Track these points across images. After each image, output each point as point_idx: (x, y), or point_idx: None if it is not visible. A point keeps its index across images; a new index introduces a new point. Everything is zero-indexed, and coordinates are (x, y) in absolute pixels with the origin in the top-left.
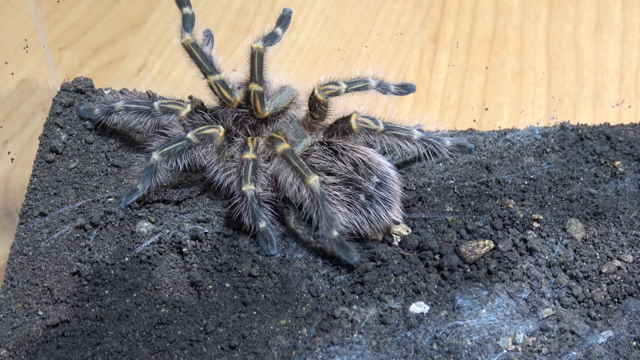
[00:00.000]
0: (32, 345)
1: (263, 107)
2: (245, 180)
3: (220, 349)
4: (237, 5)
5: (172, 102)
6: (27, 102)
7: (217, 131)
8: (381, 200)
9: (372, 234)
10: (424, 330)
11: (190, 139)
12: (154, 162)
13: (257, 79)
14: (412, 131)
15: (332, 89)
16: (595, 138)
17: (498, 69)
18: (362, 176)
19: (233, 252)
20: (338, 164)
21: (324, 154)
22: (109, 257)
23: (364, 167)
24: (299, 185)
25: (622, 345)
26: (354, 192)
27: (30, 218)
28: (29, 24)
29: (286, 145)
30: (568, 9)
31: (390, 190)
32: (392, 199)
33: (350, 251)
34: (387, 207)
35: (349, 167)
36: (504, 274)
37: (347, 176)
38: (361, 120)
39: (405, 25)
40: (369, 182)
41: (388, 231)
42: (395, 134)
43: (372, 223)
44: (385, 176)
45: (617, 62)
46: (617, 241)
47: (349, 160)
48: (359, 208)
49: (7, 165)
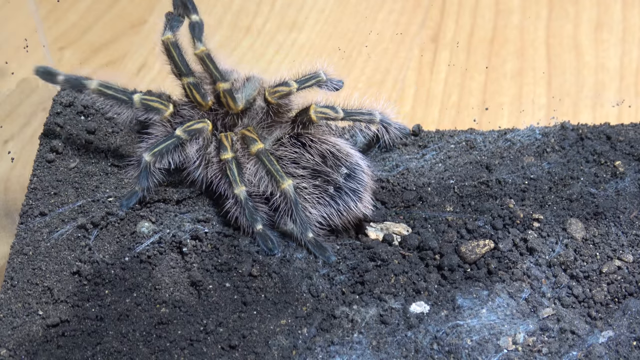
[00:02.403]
0: (32, 345)
1: (236, 103)
2: (235, 182)
3: (221, 349)
4: (237, 5)
5: (156, 100)
6: (27, 101)
7: (205, 125)
8: (350, 192)
9: (344, 224)
10: (424, 330)
11: (179, 136)
12: (146, 163)
13: (220, 77)
14: (374, 113)
15: (282, 90)
16: (596, 138)
17: (498, 68)
18: (331, 168)
19: (233, 252)
20: (306, 157)
21: (292, 147)
22: (109, 256)
23: (332, 158)
24: (273, 189)
25: (623, 345)
26: (322, 184)
27: (30, 218)
28: (29, 24)
29: (260, 145)
30: (568, 8)
31: (359, 181)
32: (362, 190)
33: (327, 251)
34: (356, 198)
35: (317, 159)
36: (504, 273)
37: (316, 168)
38: (320, 110)
39: (406, 25)
40: (337, 174)
41: (360, 222)
42: (357, 119)
43: (342, 214)
44: (354, 167)
45: (618, 62)
46: (617, 241)
47: (317, 152)
48: (328, 200)
49: (7, 164)
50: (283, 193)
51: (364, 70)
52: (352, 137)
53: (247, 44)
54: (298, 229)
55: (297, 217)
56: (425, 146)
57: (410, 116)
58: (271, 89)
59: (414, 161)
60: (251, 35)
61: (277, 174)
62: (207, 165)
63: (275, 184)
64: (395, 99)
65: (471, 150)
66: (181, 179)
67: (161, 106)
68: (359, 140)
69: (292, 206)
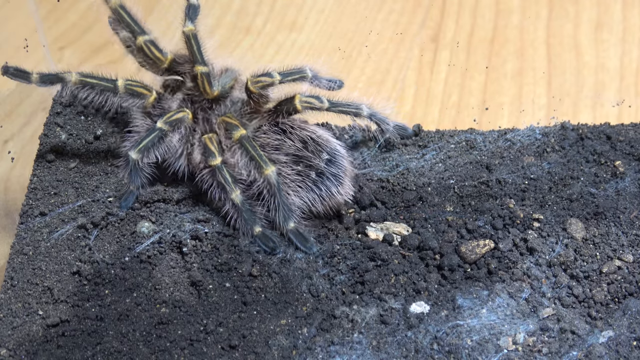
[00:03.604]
0: (32, 344)
1: (211, 87)
2: (231, 188)
3: (221, 349)
4: (237, 5)
5: (140, 86)
6: (27, 101)
7: (186, 114)
8: (332, 177)
9: (325, 211)
10: (425, 330)
11: (162, 128)
12: (134, 161)
13: (200, 60)
14: (361, 106)
15: (264, 81)
16: (596, 138)
17: (498, 68)
18: (312, 153)
19: (233, 252)
20: (287, 142)
21: (273, 133)
22: (109, 256)
23: (313, 144)
24: (256, 175)
25: (623, 345)
26: (304, 169)
27: (30, 218)
28: (29, 24)
29: (243, 131)
30: (568, 8)
31: (340, 166)
32: (343, 175)
33: (309, 241)
34: (338, 183)
35: (298, 145)
36: (504, 273)
37: (297, 154)
38: (305, 100)
39: (406, 25)
40: (318, 159)
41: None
42: (342, 110)
43: (324, 200)
44: (334, 153)
45: (618, 62)
46: (617, 241)
47: (298, 138)
48: (310, 185)
49: (7, 164)
50: (266, 179)
51: (364, 70)
52: (351, 137)
53: (247, 44)
54: (280, 217)
55: (280, 204)
56: (425, 146)
57: (410, 116)
58: (254, 79)
59: (414, 161)
60: (251, 36)
61: (260, 159)
62: (189, 154)
63: (258, 169)
64: (395, 99)
65: (471, 150)
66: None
67: (145, 91)
68: (358, 139)
69: (275, 193)
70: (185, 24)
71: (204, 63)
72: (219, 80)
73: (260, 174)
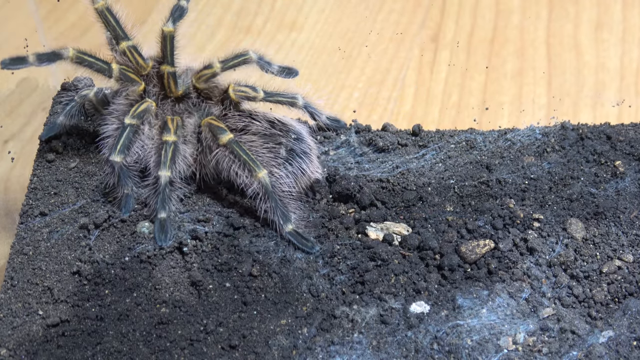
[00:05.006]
0: (32, 344)
1: (177, 87)
2: (164, 165)
3: (221, 349)
4: (237, 5)
5: (133, 73)
6: (27, 101)
7: (150, 103)
8: (302, 154)
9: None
10: (425, 330)
11: (132, 124)
12: (118, 164)
13: (170, 61)
14: (297, 96)
15: (206, 73)
16: (596, 138)
17: (498, 68)
18: (280, 131)
19: (233, 252)
20: (255, 123)
21: (240, 117)
22: (110, 256)
23: (280, 123)
24: (248, 179)
25: (623, 345)
26: (275, 146)
27: (30, 217)
28: (29, 24)
29: (230, 136)
30: (568, 8)
31: (307, 144)
32: (310, 152)
33: (309, 241)
34: (308, 160)
35: (265, 125)
36: (504, 273)
37: (266, 132)
38: (239, 89)
39: (406, 25)
40: (287, 137)
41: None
42: (278, 99)
43: (297, 178)
44: (299, 131)
45: (618, 62)
46: (617, 241)
47: (265, 119)
48: (282, 162)
49: (7, 164)
50: (260, 183)
51: (364, 70)
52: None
53: (247, 44)
54: (277, 220)
55: (276, 207)
56: (426, 146)
57: (410, 116)
58: (197, 75)
59: (414, 161)
60: (251, 35)
61: (252, 163)
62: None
63: (250, 173)
64: (396, 99)
65: (471, 150)
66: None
67: (137, 78)
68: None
69: (270, 196)
70: (167, 24)
71: (172, 64)
72: (183, 79)
73: (254, 177)
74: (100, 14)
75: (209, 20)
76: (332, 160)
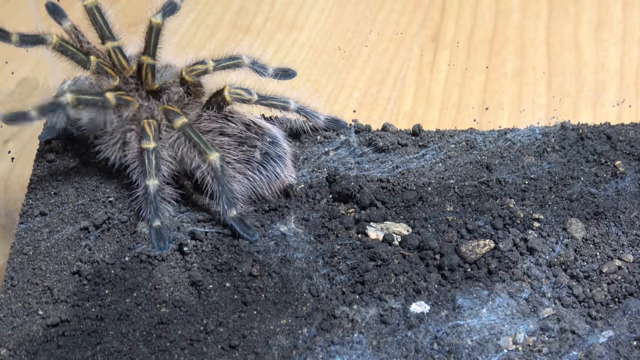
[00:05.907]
0: (32, 344)
1: (154, 80)
2: (150, 174)
3: (221, 349)
4: (237, 5)
5: (110, 67)
6: (27, 101)
7: (135, 102)
8: (276, 157)
9: (271, 194)
10: (425, 330)
11: (107, 98)
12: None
13: (151, 53)
14: (289, 101)
15: (198, 68)
16: (596, 138)
17: (498, 68)
18: (255, 134)
19: (233, 252)
20: (230, 125)
21: (215, 118)
22: (109, 256)
23: (255, 127)
24: (199, 162)
25: (623, 345)
26: (249, 149)
27: (30, 217)
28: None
29: (184, 120)
30: (568, 8)
31: (282, 147)
32: (285, 156)
33: (250, 229)
34: (282, 164)
35: (241, 127)
36: (504, 273)
37: (241, 135)
38: (234, 91)
39: (406, 25)
40: (262, 140)
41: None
42: (271, 103)
43: (271, 182)
44: (275, 135)
45: (618, 62)
46: (617, 241)
47: (240, 121)
48: (257, 165)
49: (7, 164)
50: (210, 164)
51: (364, 70)
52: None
53: (247, 44)
54: (223, 203)
55: (223, 191)
56: (426, 146)
57: (410, 116)
58: (188, 68)
59: (414, 161)
60: (251, 35)
61: (203, 145)
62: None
63: (201, 155)
64: (396, 99)
65: (471, 150)
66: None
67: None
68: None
69: (218, 178)
70: (156, 16)
71: (153, 57)
72: (162, 74)
73: (204, 160)
74: (89, 11)
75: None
76: (332, 160)
